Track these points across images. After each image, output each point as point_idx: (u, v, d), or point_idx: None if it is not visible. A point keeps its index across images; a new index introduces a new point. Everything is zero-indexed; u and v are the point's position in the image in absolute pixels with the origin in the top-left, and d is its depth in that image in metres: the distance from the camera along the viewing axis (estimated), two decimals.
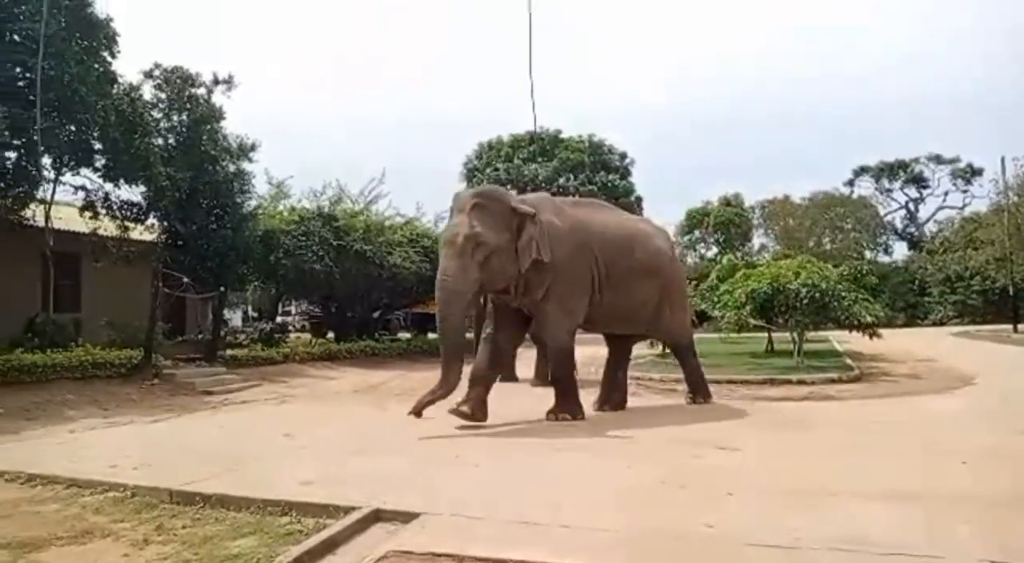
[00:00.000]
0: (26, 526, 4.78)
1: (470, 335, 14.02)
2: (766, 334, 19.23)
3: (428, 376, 15.86)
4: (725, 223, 44.86)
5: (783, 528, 4.40)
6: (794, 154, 73.60)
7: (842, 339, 21.72)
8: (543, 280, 8.48)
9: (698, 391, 10.49)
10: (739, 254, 33.41)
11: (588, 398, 9.68)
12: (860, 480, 5.66)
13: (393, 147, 65.97)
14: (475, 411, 8.35)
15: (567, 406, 8.86)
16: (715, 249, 45.62)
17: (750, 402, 10.80)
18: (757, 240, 49.48)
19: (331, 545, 4.22)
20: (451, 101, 77.26)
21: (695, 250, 47.52)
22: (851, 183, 54.51)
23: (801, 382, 12.74)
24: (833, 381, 12.89)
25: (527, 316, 8.98)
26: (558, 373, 9.05)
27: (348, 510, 4.75)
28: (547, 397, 11.85)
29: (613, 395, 10.04)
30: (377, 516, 4.75)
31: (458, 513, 4.74)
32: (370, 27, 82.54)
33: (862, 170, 54.33)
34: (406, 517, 4.70)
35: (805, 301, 14.78)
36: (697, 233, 47.11)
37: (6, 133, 11.44)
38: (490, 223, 8.26)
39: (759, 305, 15.84)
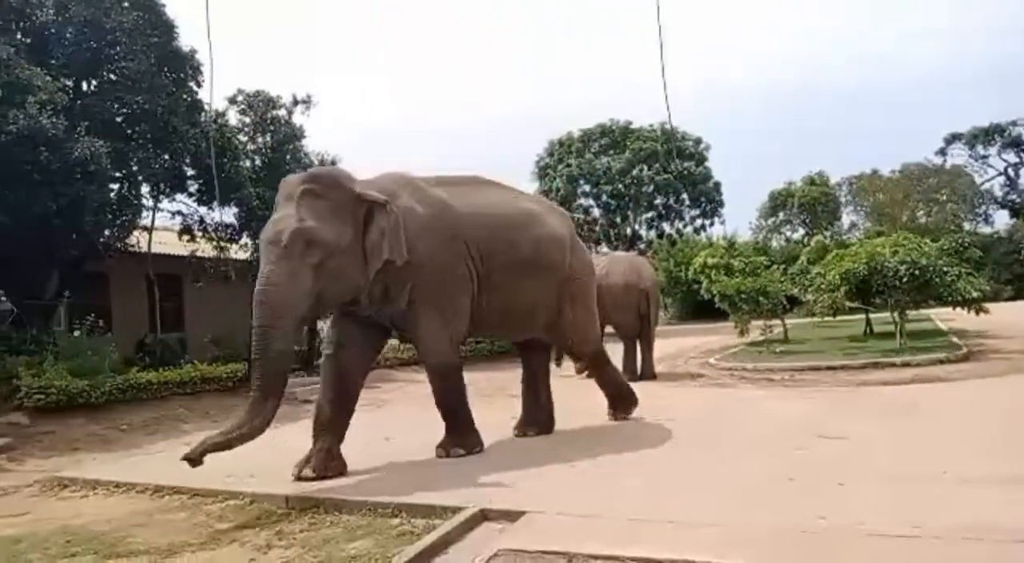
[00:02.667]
0: (160, 533, 5.11)
1: None
2: (863, 316, 18.48)
3: (513, 376, 16.02)
4: (811, 203, 43.31)
5: (902, 517, 4.23)
6: (878, 127, 70.41)
7: (945, 317, 20.61)
8: (404, 282, 6.52)
9: (619, 405, 8.70)
10: (828, 234, 32.18)
11: (688, 392, 9.52)
12: (982, 465, 5.38)
13: (460, 149, 66.75)
14: (325, 468, 6.27)
15: (458, 438, 7.00)
16: (801, 230, 44.12)
17: (852, 388, 10.42)
18: (846, 218, 47.58)
19: (443, 544, 4.33)
20: (518, 100, 77.49)
21: (780, 233, 46.09)
22: (943, 152, 51.43)
23: (906, 364, 12.20)
24: (940, 362, 12.29)
25: (384, 328, 7.02)
26: (444, 397, 7.02)
27: (455, 510, 4.86)
28: (636, 390, 11.79)
29: (537, 416, 8.20)
30: (484, 516, 4.83)
31: (563, 512, 4.77)
32: (430, 30, 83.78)
33: (953, 137, 51.17)
34: (512, 516, 4.76)
35: (905, 279, 14.12)
36: (781, 215, 45.65)
37: (109, 166, 12.20)
38: (326, 215, 6.15)
39: (854, 286, 15.22)
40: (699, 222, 43.57)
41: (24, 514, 6.03)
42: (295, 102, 16.21)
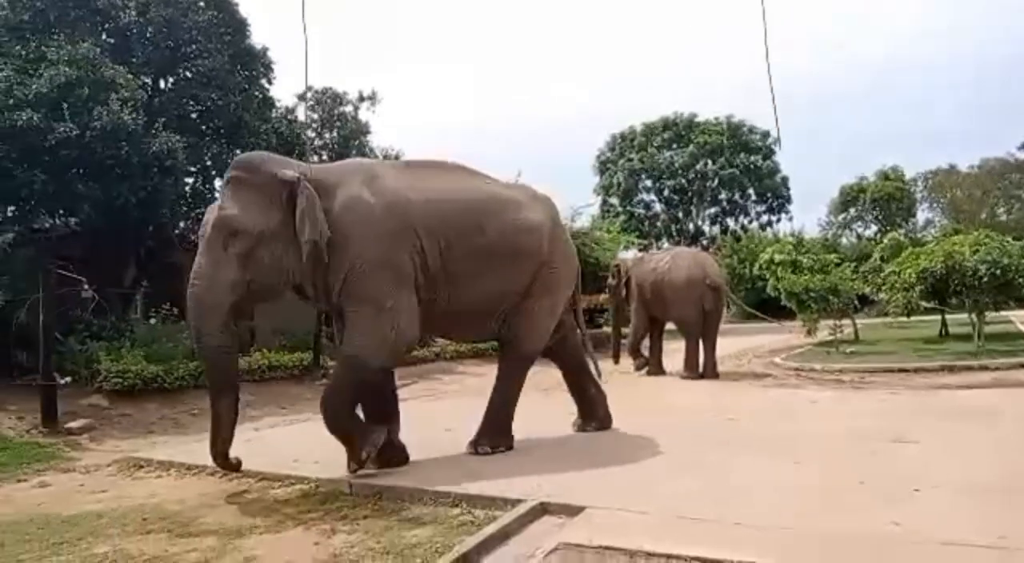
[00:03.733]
0: (229, 515, 5.29)
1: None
2: (938, 317, 17.72)
3: None
4: (884, 199, 41.70)
5: (983, 527, 4.04)
6: (956, 121, 67.31)
7: None
8: (338, 273, 6.03)
9: (491, 434, 6.96)
10: (902, 231, 30.96)
11: (753, 392, 9.29)
12: None
13: (522, 144, 66.78)
14: (388, 457, 6.28)
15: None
16: (874, 227, 42.56)
17: (926, 392, 10.00)
18: (921, 215, 45.69)
19: (503, 536, 4.34)
20: (579, 94, 77.03)
21: (850, 229, 44.56)
22: None
23: (984, 368, 11.65)
24: (1022, 365, 11.67)
25: None
26: (329, 391, 6.32)
27: (515, 502, 4.87)
28: (697, 389, 11.60)
29: (595, 411, 8.03)
30: (544, 509, 4.83)
31: (624, 508, 4.72)
32: (493, 24, 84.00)
33: None
34: (572, 511, 4.74)
35: (984, 279, 13.48)
36: (852, 211, 44.12)
37: (184, 161, 12.68)
38: (251, 201, 5.87)
39: (930, 285, 14.61)
40: (765, 218, 42.58)
41: (104, 491, 6.32)
42: (361, 98, 16.58)
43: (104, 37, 13.16)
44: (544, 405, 10.72)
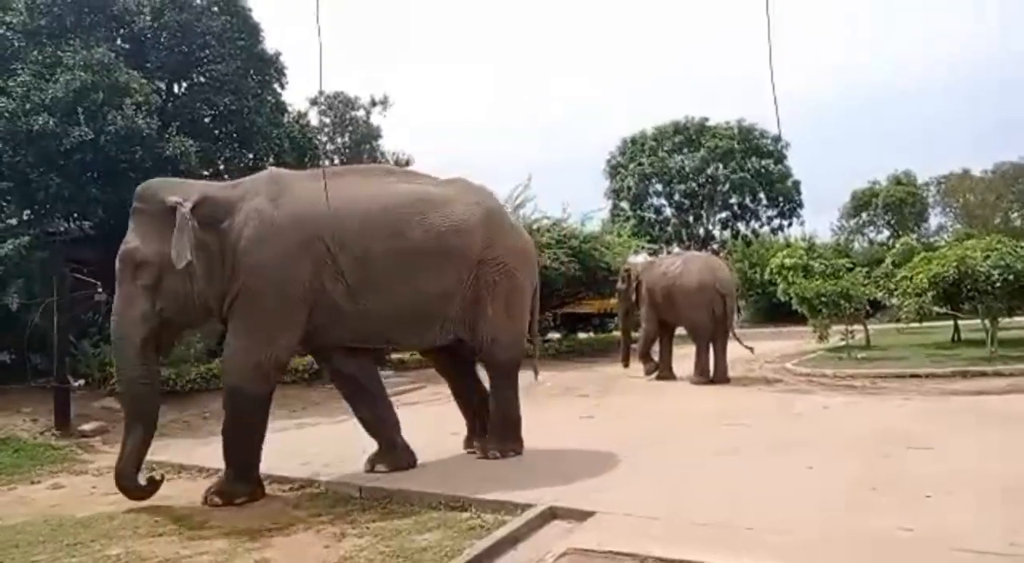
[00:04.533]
0: (240, 517, 5.33)
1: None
2: (950, 323, 17.57)
3: (581, 376, 15.99)
4: (896, 203, 41.44)
5: (996, 533, 4.01)
6: (970, 125, 66.81)
7: None
8: (233, 288, 5.90)
9: (495, 437, 6.91)
10: (915, 236, 30.74)
11: (764, 397, 9.24)
12: None
13: (535, 147, 66.86)
14: (396, 461, 6.42)
15: (231, 483, 5.94)
16: (886, 232, 42.31)
17: (938, 397, 9.92)
18: (934, 220, 45.35)
19: (513, 541, 4.36)
20: (591, 96, 77.01)
21: (862, 234, 44.30)
22: None
23: (998, 374, 11.52)
24: None
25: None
26: (226, 426, 6.02)
27: (525, 507, 4.88)
28: (707, 394, 11.57)
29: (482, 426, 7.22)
30: (553, 513, 4.84)
31: (632, 513, 4.72)
32: (502, 29, 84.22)
33: None
34: (581, 516, 4.75)
35: (998, 284, 13.35)
36: (864, 215, 43.88)
37: (197, 164, 12.78)
38: (149, 230, 5.84)
39: (943, 291, 14.49)
40: (776, 222, 42.35)
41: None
42: (373, 103, 16.66)
43: (119, 42, 13.30)
44: (552, 409, 10.72)
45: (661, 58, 77.00)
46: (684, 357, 13.98)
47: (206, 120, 14.30)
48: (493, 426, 6.96)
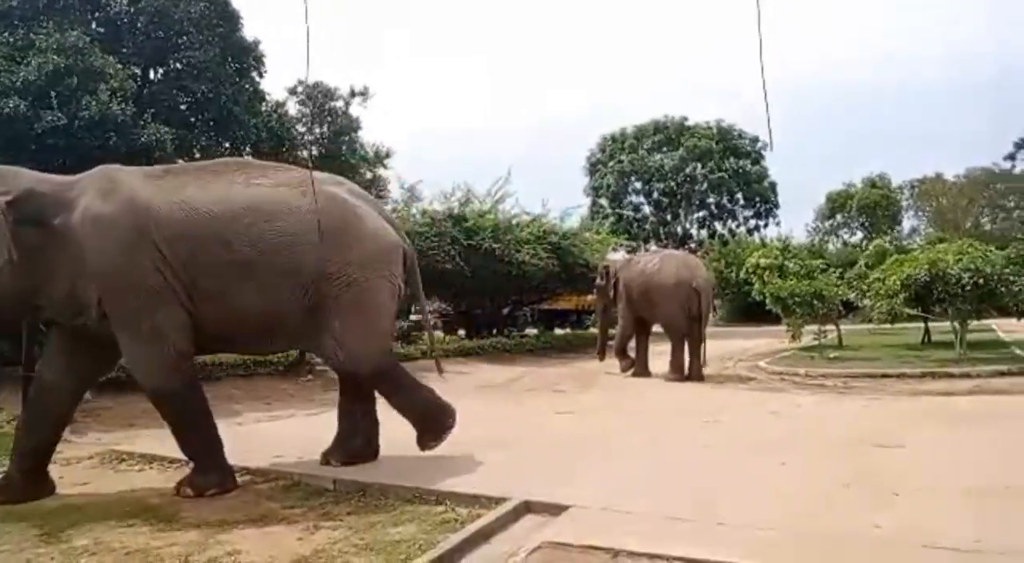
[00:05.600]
0: (211, 510, 5.25)
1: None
2: (921, 324, 17.89)
3: (557, 372, 16.05)
4: (871, 206, 42.11)
5: (961, 531, 4.09)
6: (943, 130, 67.89)
7: (1008, 328, 19.81)
8: (89, 293, 5.64)
9: (426, 428, 6.54)
10: (888, 238, 31.24)
11: (738, 395, 9.32)
12: None
13: (517, 145, 66.77)
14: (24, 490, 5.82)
15: (201, 474, 5.86)
16: (860, 234, 42.95)
17: (908, 397, 10.10)
18: (907, 223, 46.17)
19: (487, 534, 4.36)
20: (573, 96, 77.14)
21: (837, 236, 44.94)
22: (1012, 157, 49.10)
23: (965, 375, 11.77)
24: (1002, 374, 11.79)
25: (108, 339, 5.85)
26: (172, 424, 5.97)
27: (499, 501, 4.88)
28: (683, 392, 11.66)
29: (352, 441, 6.59)
30: (527, 507, 4.84)
31: (607, 507, 4.75)
32: (489, 27, 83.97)
33: None
34: (555, 509, 4.75)
35: (968, 287, 13.61)
36: (839, 218, 44.53)
37: (172, 152, 12.58)
38: None
39: (914, 293, 14.74)
40: (752, 223, 42.81)
41: (85, 484, 6.27)
42: (352, 94, 16.49)
43: (94, 26, 13.04)
44: (529, 404, 10.74)
45: (645, 62, 77.33)
46: (660, 355, 14.08)
47: (182, 107, 14.08)
48: (416, 422, 6.56)
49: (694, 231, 43.45)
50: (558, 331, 26.53)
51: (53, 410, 6.03)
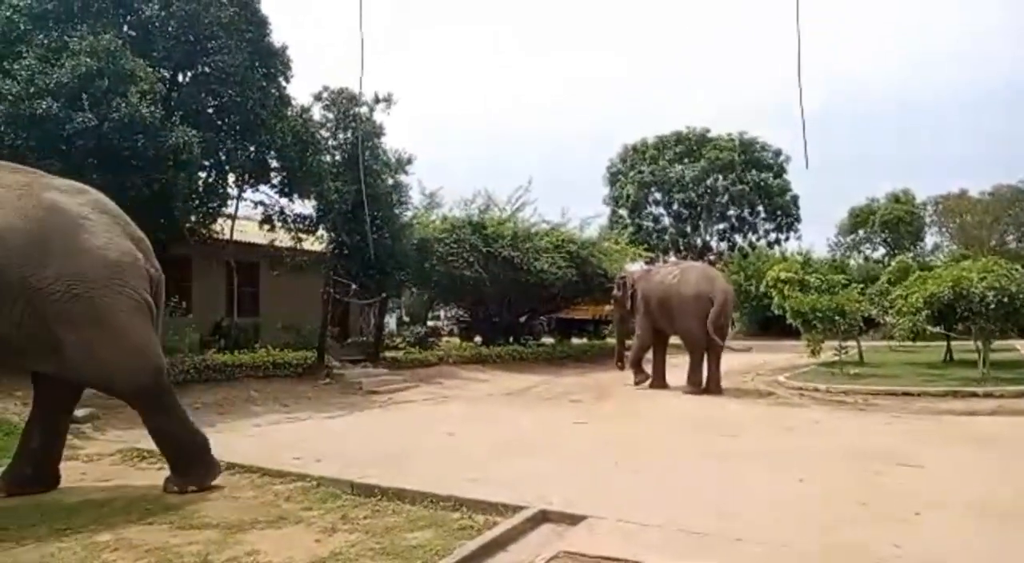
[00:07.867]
0: (230, 509, 5.31)
1: None
2: (943, 343, 17.66)
3: (574, 381, 16.05)
4: (894, 222, 41.65)
5: (982, 552, 4.05)
6: (970, 147, 67.04)
7: None
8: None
9: (179, 467, 5.99)
10: (911, 255, 30.90)
11: (756, 409, 9.27)
12: None
13: (537, 154, 66.86)
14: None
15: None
16: (882, 250, 42.51)
17: (930, 416, 9.97)
18: (930, 239, 45.60)
19: (503, 542, 4.36)
20: (594, 106, 77.13)
21: (859, 251, 44.49)
22: None
23: (988, 395, 11.59)
24: None
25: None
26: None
27: (516, 509, 4.89)
28: (700, 404, 11.60)
29: (23, 470, 6.09)
30: (544, 516, 4.84)
31: (624, 518, 4.74)
32: (507, 34, 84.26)
33: None
34: (572, 519, 4.76)
35: (992, 306, 13.41)
36: (861, 233, 44.08)
37: (199, 155, 12.74)
38: None
39: (937, 310, 14.55)
40: (773, 236, 42.54)
41: (107, 481, 6.36)
42: (376, 100, 16.62)
43: (126, 29, 13.24)
44: (545, 413, 10.73)
45: (670, 72, 77.16)
46: (676, 367, 14.02)
47: (209, 111, 14.22)
48: (169, 462, 6.12)
49: (714, 243, 43.25)
50: (575, 340, 26.48)
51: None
